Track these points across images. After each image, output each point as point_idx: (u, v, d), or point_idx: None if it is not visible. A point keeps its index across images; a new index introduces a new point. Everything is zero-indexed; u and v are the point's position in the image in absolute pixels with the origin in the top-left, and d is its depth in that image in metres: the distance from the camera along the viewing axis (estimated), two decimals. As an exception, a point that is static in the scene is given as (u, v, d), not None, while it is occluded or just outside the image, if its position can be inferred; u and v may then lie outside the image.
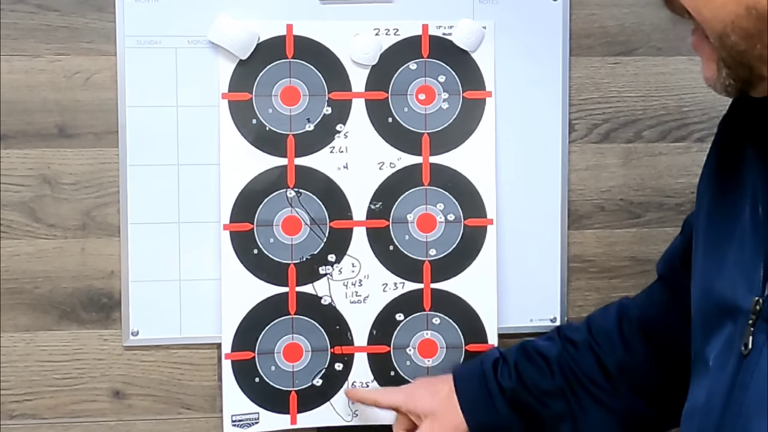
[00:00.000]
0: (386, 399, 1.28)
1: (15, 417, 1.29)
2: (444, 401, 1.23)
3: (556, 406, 1.21)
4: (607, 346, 1.21)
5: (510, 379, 1.22)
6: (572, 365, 1.22)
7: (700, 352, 0.99)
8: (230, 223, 1.29)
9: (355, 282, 1.32)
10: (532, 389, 1.22)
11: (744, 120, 0.98)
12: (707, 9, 0.84)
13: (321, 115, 1.30)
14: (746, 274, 0.92)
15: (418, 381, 1.30)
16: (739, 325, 0.91)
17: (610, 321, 1.23)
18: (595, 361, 1.21)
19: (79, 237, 1.28)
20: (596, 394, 1.21)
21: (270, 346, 1.31)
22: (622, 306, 1.25)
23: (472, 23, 1.30)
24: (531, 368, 1.22)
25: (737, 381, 0.90)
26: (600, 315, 1.26)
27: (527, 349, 1.24)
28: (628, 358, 1.20)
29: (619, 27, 1.34)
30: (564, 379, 1.21)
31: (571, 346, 1.23)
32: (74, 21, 1.26)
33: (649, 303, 1.23)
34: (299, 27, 1.28)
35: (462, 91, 1.31)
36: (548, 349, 1.23)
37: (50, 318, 1.29)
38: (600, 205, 1.36)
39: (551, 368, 1.22)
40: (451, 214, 1.33)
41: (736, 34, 0.83)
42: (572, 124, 1.34)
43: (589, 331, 1.23)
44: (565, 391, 1.21)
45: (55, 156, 1.28)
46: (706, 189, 1.03)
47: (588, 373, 1.21)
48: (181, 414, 1.32)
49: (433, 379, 1.28)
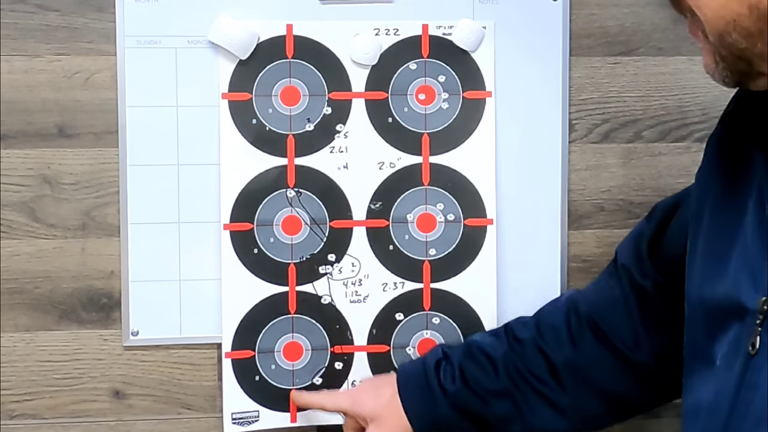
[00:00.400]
0: (332, 403, 1.28)
1: (15, 417, 1.29)
2: (387, 405, 1.23)
3: (501, 406, 1.21)
4: (554, 343, 1.21)
5: (453, 382, 1.21)
6: (518, 364, 1.21)
7: (703, 351, 0.98)
8: (230, 223, 1.29)
9: (355, 281, 1.32)
10: (477, 390, 1.21)
11: (747, 118, 0.97)
12: (709, 8, 0.84)
13: (321, 115, 1.30)
14: (752, 274, 0.92)
15: (363, 383, 1.30)
16: (746, 325, 0.91)
17: (559, 316, 1.23)
18: (543, 359, 1.21)
19: (79, 237, 1.28)
20: (543, 391, 1.20)
21: (270, 345, 1.31)
22: (571, 299, 1.24)
23: (472, 23, 1.30)
24: (476, 369, 1.22)
25: (745, 381, 0.90)
26: (549, 310, 1.25)
27: (472, 349, 1.23)
28: (575, 354, 1.20)
29: (619, 27, 1.34)
30: (509, 379, 1.21)
31: (517, 344, 1.22)
32: (74, 21, 1.26)
33: (600, 298, 1.22)
34: (299, 27, 1.28)
35: (462, 91, 1.31)
36: (494, 349, 1.22)
37: (50, 318, 1.29)
38: (600, 205, 1.36)
39: (496, 368, 1.21)
40: (451, 214, 1.33)
41: (737, 32, 0.84)
42: (572, 124, 1.34)
43: (536, 327, 1.23)
44: (510, 390, 1.21)
45: (55, 156, 1.27)
46: (707, 187, 1.02)
47: (534, 371, 1.21)
48: (181, 414, 1.32)
49: (378, 380, 1.28)
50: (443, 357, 1.24)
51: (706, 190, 1.03)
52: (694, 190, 1.07)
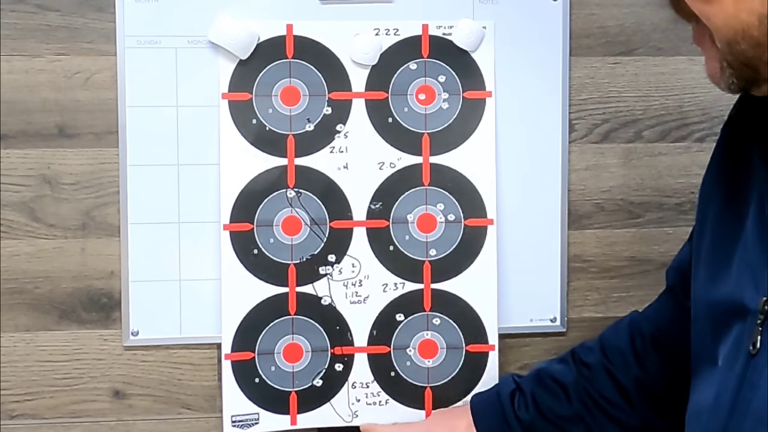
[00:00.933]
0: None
1: (15, 417, 1.29)
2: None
3: (575, 430, 1.22)
4: (622, 365, 1.22)
5: (528, 411, 1.23)
6: (588, 389, 1.22)
7: (708, 352, 0.99)
8: (230, 223, 1.29)
9: (355, 282, 1.32)
10: (550, 417, 1.22)
11: (749, 122, 0.98)
12: (718, 18, 0.84)
13: (321, 115, 1.30)
14: (753, 275, 0.92)
15: (435, 416, 1.31)
16: (747, 325, 0.91)
17: (623, 338, 1.23)
18: (611, 382, 1.22)
19: (79, 237, 1.29)
20: (614, 414, 1.21)
21: (270, 346, 1.31)
22: (633, 322, 1.25)
23: (472, 23, 1.30)
24: (548, 397, 1.23)
25: (745, 380, 0.90)
26: (612, 332, 1.26)
27: (542, 378, 1.25)
28: (643, 374, 1.21)
29: (619, 27, 1.34)
30: (581, 404, 1.22)
31: (586, 369, 1.23)
32: (74, 21, 1.26)
33: (660, 317, 1.23)
34: (299, 27, 1.28)
35: (462, 91, 1.31)
36: (564, 375, 1.24)
37: (50, 318, 1.29)
38: (600, 205, 1.36)
39: (568, 395, 1.22)
40: (451, 214, 1.33)
41: (746, 42, 0.83)
42: (572, 124, 1.34)
43: (602, 351, 1.24)
44: (583, 415, 1.22)
45: (55, 156, 1.28)
46: (713, 193, 1.03)
47: (605, 394, 1.22)
48: (181, 414, 1.32)
49: (450, 413, 1.29)
50: (516, 388, 1.25)
51: (711, 195, 1.03)
52: (699, 196, 1.07)
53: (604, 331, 1.27)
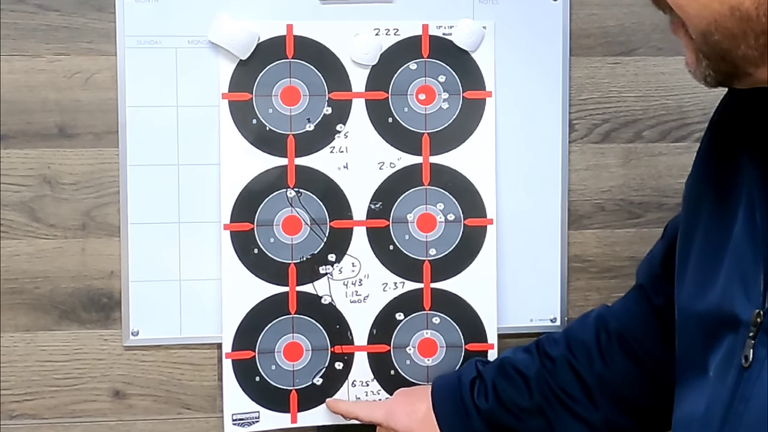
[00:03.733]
0: (366, 414, 1.29)
1: (15, 417, 1.29)
2: (422, 421, 1.25)
3: (535, 422, 1.22)
4: (585, 360, 1.21)
5: (487, 400, 1.22)
6: (550, 382, 1.21)
7: (696, 360, 0.97)
8: (231, 223, 1.29)
9: (355, 281, 1.32)
10: (510, 407, 1.22)
11: (736, 124, 0.96)
12: (690, 7, 0.83)
13: (321, 115, 1.30)
14: (745, 286, 0.90)
15: (397, 397, 1.31)
16: (739, 337, 0.90)
17: (588, 333, 1.22)
18: (574, 376, 1.21)
19: (79, 237, 1.28)
20: (575, 408, 1.20)
21: (270, 345, 1.31)
22: (600, 317, 1.24)
23: (472, 23, 1.30)
24: (509, 387, 1.22)
25: (737, 393, 0.89)
26: (578, 326, 1.25)
27: (505, 367, 1.24)
28: (606, 371, 1.20)
29: (619, 27, 1.34)
30: (542, 397, 1.21)
31: (549, 361, 1.22)
32: (74, 21, 1.26)
33: (628, 315, 1.22)
34: (299, 27, 1.28)
35: (462, 91, 1.31)
36: (526, 367, 1.23)
37: (50, 318, 1.29)
38: (600, 205, 1.36)
39: (529, 386, 1.22)
40: (451, 214, 1.33)
41: (719, 33, 0.82)
42: (572, 124, 1.34)
43: (567, 345, 1.23)
44: (543, 408, 1.21)
45: (55, 156, 1.27)
46: (699, 197, 1.01)
47: (566, 388, 1.21)
48: (181, 414, 1.32)
49: (412, 395, 1.29)
50: (477, 376, 1.25)
51: (697, 199, 1.02)
52: (684, 199, 1.05)
53: (570, 325, 1.27)
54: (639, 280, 1.23)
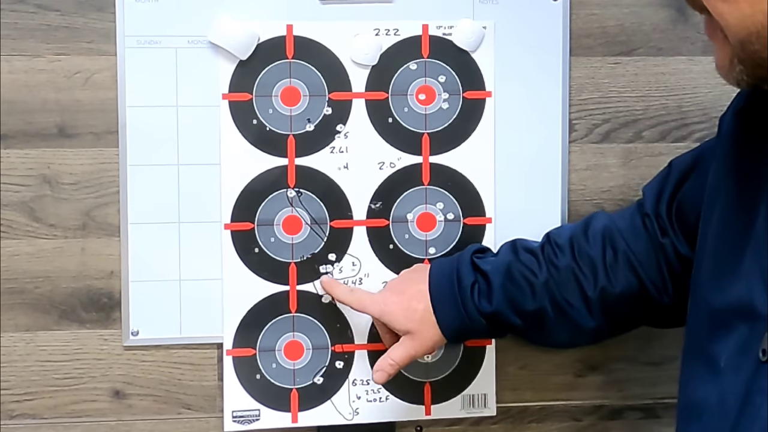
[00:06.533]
0: (359, 306, 1.27)
1: (15, 417, 1.29)
2: (420, 321, 1.23)
3: (532, 322, 1.23)
4: (590, 274, 1.22)
5: (490, 303, 1.22)
6: (555, 291, 1.22)
7: (703, 349, 0.98)
8: (231, 223, 1.29)
9: (355, 281, 1.32)
10: (516, 309, 1.22)
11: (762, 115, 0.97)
12: (733, 16, 0.84)
13: (321, 115, 1.30)
14: (765, 278, 0.91)
15: (391, 295, 1.27)
16: (756, 330, 0.91)
17: (596, 248, 1.23)
18: (577, 287, 1.22)
19: (79, 237, 1.28)
20: (571, 314, 1.22)
21: (271, 343, 1.31)
22: (608, 231, 1.23)
23: (472, 23, 1.30)
24: (517, 292, 1.22)
25: (755, 386, 0.90)
26: (582, 236, 1.24)
27: (513, 273, 1.23)
28: (609, 286, 1.21)
29: (619, 27, 1.34)
30: (547, 301, 1.22)
31: (555, 270, 1.22)
32: (74, 21, 1.26)
33: (634, 237, 1.22)
34: (299, 27, 1.28)
35: (462, 91, 1.31)
36: (533, 274, 1.22)
37: (50, 318, 1.29)
38: (600, 205, 1.36)
39: (535, 293, 1.22)
40: (450, 213, 1.33)
41: (759, 43, 0.83)
42: (572, 124, 1.34)
43: (573, 255, 1.23)
44: (545, 311, 1.22)
45: (55, 156, 1.27)
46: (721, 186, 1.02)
47: (569, 299, 1.22)
48: (181, 414, 1.32)
49: (407, 295, 1.25)
50: (476, 280, 1.23)
51: (719, 187, 1.02)
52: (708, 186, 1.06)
53: (574, 230, 1.26)
54: (646, 208, 1.23)
